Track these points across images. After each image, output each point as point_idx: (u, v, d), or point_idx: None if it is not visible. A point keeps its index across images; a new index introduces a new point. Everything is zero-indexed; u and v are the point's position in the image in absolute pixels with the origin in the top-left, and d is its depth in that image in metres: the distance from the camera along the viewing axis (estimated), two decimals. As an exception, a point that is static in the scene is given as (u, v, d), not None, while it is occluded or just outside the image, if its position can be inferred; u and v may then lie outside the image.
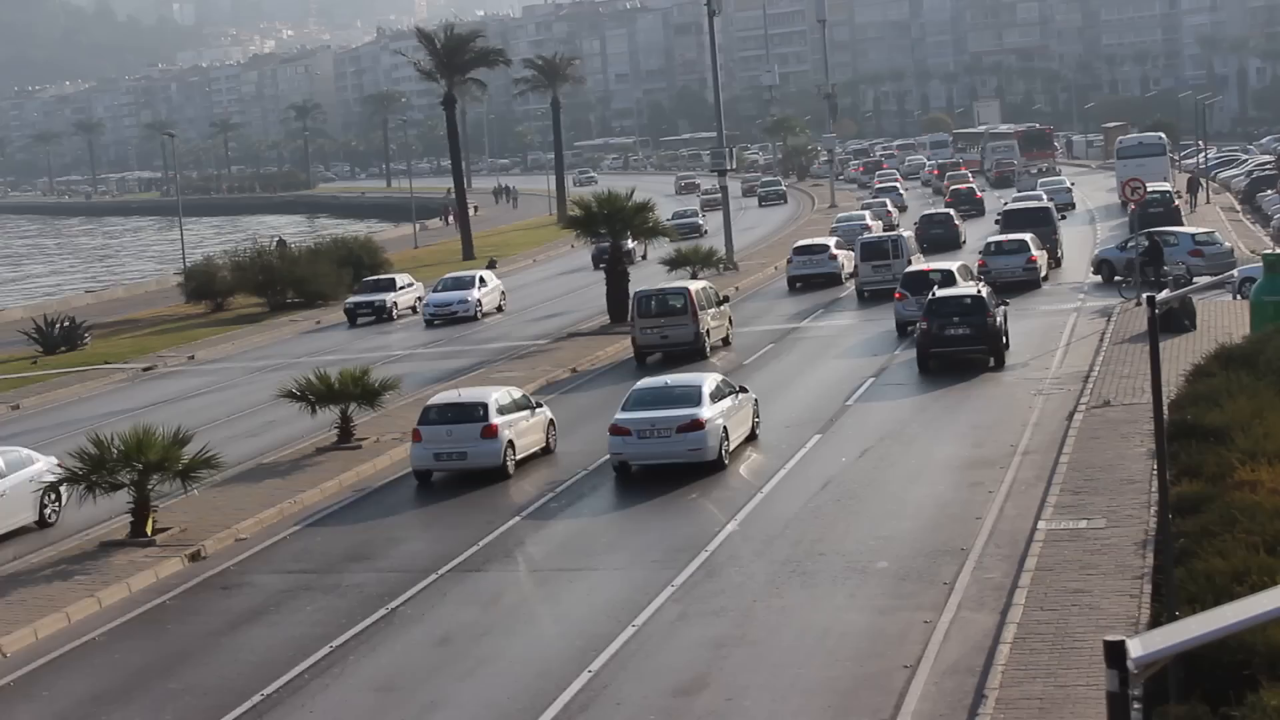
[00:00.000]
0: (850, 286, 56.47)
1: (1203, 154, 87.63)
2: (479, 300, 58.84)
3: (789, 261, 60.47)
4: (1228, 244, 51.69)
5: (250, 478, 31.91)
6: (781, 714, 17.41)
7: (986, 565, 21.87)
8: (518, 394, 32.41)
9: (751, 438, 31.78)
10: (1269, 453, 20.96)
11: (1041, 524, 23.00)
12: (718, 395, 30.33)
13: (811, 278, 58.72)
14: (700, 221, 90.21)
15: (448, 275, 62.50)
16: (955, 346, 37.72)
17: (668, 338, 43.95)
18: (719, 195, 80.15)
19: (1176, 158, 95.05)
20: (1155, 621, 17.09)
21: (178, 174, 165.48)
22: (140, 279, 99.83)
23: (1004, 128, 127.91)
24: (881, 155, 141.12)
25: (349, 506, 29.64)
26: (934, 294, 39.75)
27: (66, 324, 59.56)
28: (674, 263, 58.97)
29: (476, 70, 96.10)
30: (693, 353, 43.36)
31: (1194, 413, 23.72)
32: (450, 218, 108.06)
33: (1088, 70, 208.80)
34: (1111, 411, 30.09)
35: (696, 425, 29.06)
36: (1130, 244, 49.66)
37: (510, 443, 30.52)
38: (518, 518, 27.28)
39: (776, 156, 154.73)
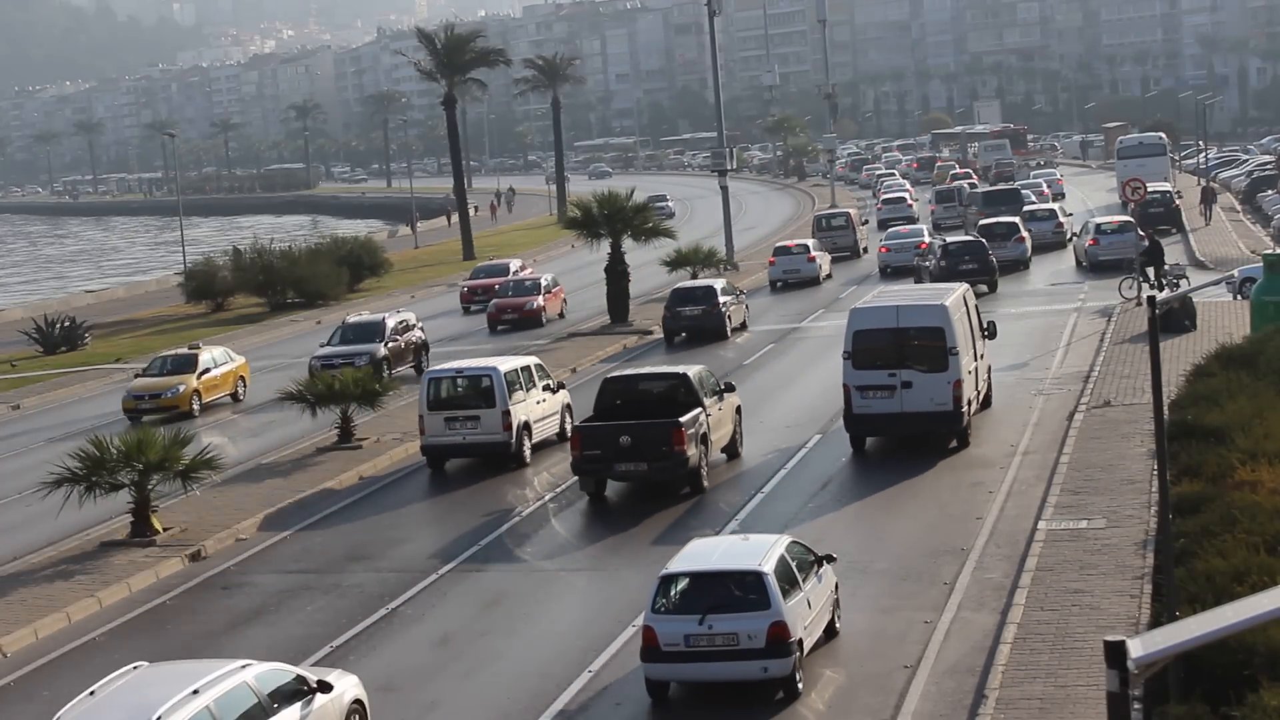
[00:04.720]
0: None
1: (1203, 154, 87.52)
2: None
3: (878, 209, 79.19)
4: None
5: (251, 478, 31.91)
6: (782, 713, 17.42)
7: (987, 565, 21.88)
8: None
9: None
10: (1269, 453, 20.96)
11: (1042, 524, 23.00)
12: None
13: (894, 220, 73.58)
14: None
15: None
16: (964, 279, 45.40)
17: (837, 245, 64.32)
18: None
19: (1177, 158, 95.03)
20: (1155, 621, 17.09)
21: (178, 174, 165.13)
22: (103, 286, 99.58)
23: (979, 128, 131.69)
24: (851, 157, 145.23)
25: (350, 506, 29.65)
26: (946, 241, 53.13)
27: (66, 324, 59.41)
28: (674, 263, 59.21)
29: (477, 70, 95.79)
30: (852, 256, 65.48)
31: (1194, 413, 23.72)
32: (416, 224, 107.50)
33: (1088, 70, 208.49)
34: (1112, 411, 30.09)
35: (923, 246, 56.04)
36: (1083, 233, 55.93)
37: (821, 264, 58.61)
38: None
39: (776, 155, 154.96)
